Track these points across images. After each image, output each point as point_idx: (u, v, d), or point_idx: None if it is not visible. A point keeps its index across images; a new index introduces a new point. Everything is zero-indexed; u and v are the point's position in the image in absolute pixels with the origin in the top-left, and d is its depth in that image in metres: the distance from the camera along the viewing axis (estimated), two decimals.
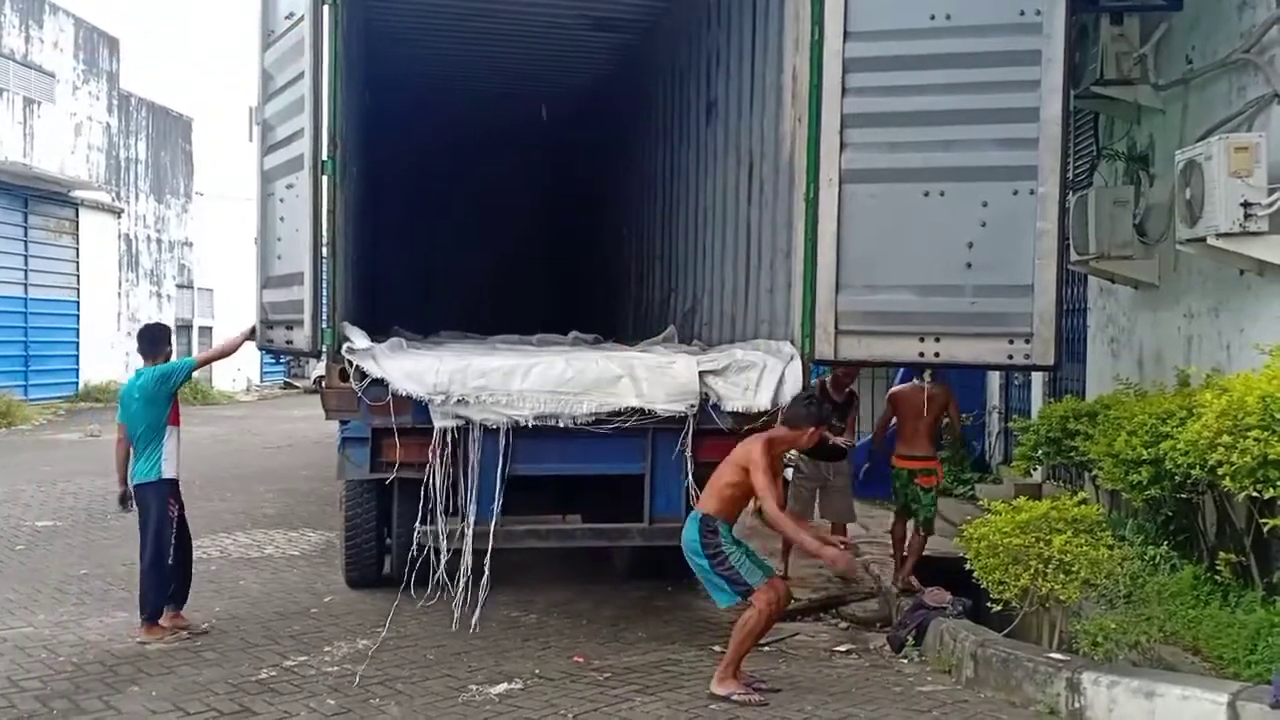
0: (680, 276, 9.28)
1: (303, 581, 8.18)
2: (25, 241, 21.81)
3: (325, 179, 6.18)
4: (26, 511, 10.93)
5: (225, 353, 7.27)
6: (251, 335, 6.71)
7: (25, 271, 21.78)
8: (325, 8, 6.01)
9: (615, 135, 12.15)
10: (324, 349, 6.13)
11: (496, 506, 6.11)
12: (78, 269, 23.42)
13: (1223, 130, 6.90)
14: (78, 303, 23.38)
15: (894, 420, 8.02)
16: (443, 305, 16.10)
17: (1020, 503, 6.12)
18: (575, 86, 12.09)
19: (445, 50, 10.78)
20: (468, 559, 6.06)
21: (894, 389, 8.40)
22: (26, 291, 21.79)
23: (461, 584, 6.04)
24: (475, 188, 15.61)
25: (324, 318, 6.15)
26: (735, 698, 5.44)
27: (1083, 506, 5.99)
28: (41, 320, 22.09)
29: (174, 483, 6.63)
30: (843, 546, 6.01)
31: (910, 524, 7.89)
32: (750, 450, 5.56)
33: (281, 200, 6.41)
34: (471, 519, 6.10)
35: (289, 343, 6.45)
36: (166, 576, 6.57)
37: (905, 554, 7.81)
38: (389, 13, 9.60)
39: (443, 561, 6.11)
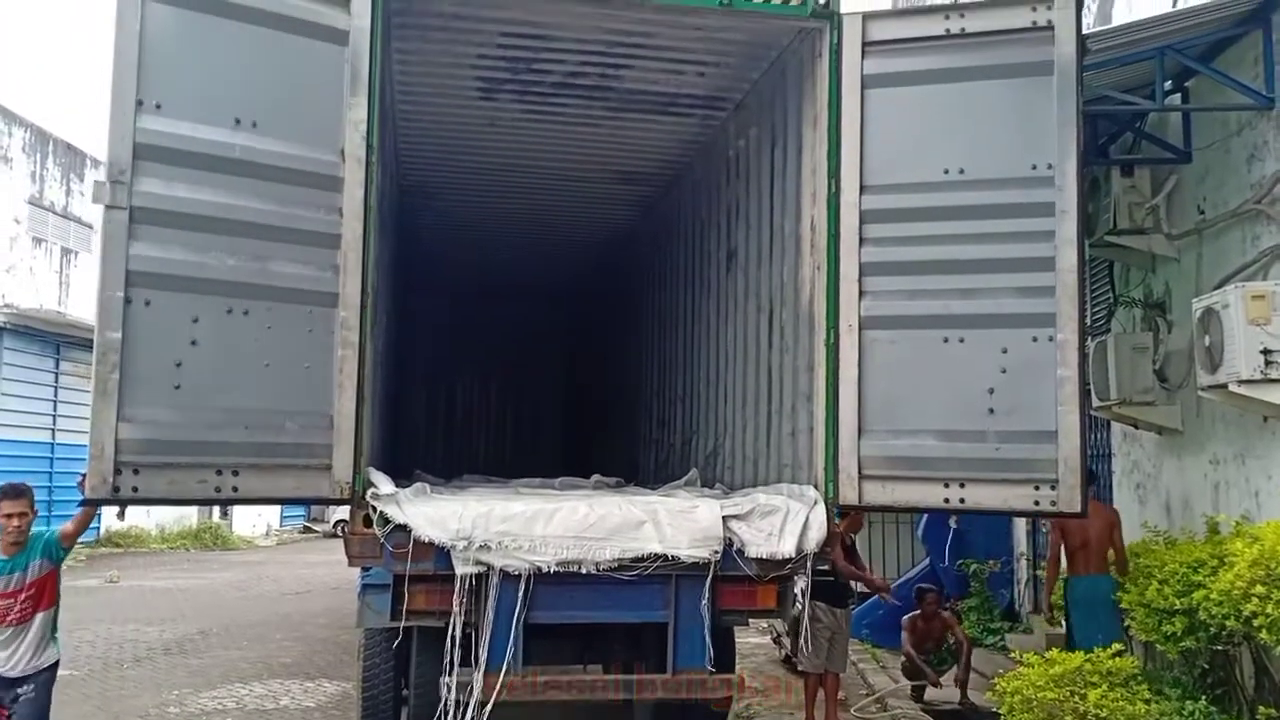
0: (702, 420, 9.31)
1: None
2: (55, 388, 22.15)
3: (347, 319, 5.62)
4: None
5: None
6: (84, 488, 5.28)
7: (53, 417, 22.05)
8: (361, 164, 5.98)
9: (636, 282, 12.39)
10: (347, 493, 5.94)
11: (512, 656, 5.99)
12: None
13: (1238, 279, 7.00)
14: None
15: None
16: (465, 447, 16.20)
17: (1053, 655, 5.99)
18: (598, 235, 12.39)
19: (470, 201, 11.11)
20: (485, 709, 5.90)
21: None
22: (53, 437, 22.01)
23: None
24: (498, 332, 15.89)
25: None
26: None
27: (1117, 659, 5.86)
28: (66, 465, 22.20)
29: None
30: None
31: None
32: (1111, 520, 7.74)
33: (195, 320, 5.33)
34: (485, 669, 5.97)
35: (235, 490, 5.41)
36: None
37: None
38: (418, 167, 9.94)
39: (461, 713, 5.96)
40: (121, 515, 6.03)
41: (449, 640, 5.89)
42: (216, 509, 26.77)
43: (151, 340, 5.25)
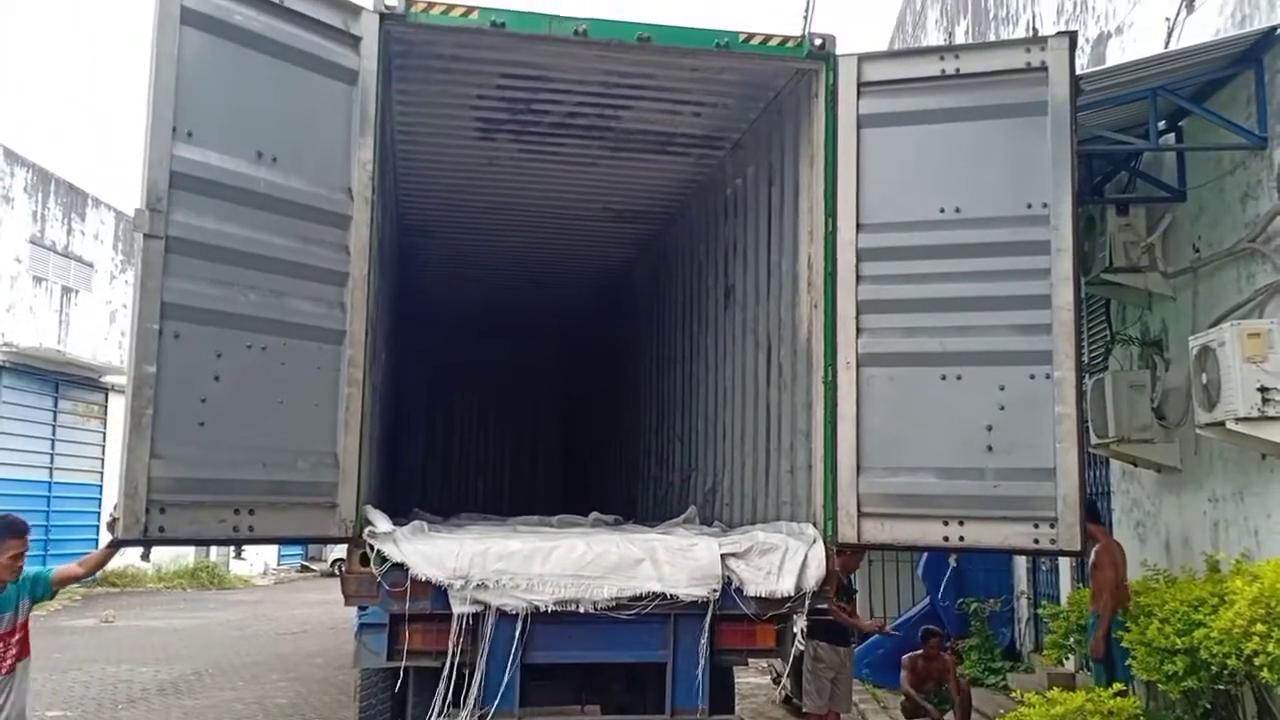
0: (701, 457, 9.30)
1: None
2: (53, 426, 22.13)
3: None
4: (36, 701, 10.66)
5: None
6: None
7: (51, 455, 22.02)
8: (368, 203, 5.89)
9: (634, 319, 12.42)
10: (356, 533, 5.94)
11: (505, 695, 5.93)
12: (103, 452, 23.60)
13: (1234, 317, 7.02)
14: (101, 486, 23.50)
15: None
16: (463, 485, 16.17)
17: (1054, 694, 5.96)
18: (596, 273, 12.44)
19: (469, 240, 11.16)
20: None
21: None
22: (51, 475, 21.97)
23: None
24: (496, 369, 15.92)
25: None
26: None
27: (1119, 698, 5.82)
28: (64, 504, 22.17)
29: None
30: None
31: None
32: (1115, 552, 7.72)
33: (219, 356, 5.24)
34: (480, 710, 5.91)
35: (251, 529, 5.32)
36: None
37: None
38: (417, 205, 10.00)
39: None
40: (146, 556, 5.81)
41: (447, 681, 5.85)
42: (231, 548, 26.68)
43: (180, 375, 5.13)
